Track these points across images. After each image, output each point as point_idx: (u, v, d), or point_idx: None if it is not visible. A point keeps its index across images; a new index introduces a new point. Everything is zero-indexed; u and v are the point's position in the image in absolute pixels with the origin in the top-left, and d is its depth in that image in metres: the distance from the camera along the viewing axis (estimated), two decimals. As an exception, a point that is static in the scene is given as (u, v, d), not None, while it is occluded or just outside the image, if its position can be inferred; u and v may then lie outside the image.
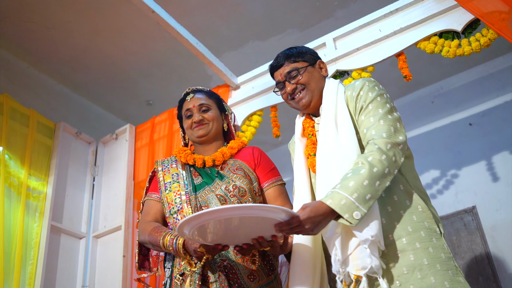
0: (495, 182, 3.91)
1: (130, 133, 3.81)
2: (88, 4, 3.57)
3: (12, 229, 3.07)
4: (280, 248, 1.80)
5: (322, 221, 1.60)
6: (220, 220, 1.60)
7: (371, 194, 1.59)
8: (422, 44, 2.85)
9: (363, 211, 1.56)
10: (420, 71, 4.31)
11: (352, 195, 1.56)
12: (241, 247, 1.75)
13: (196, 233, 1.67)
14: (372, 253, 1.57)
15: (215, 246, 1.74)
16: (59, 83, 4.27)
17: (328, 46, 3.17)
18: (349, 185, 1.59)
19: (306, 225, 1.58)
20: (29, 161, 3.35)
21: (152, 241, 2.00)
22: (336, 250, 1.64)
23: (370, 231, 1.58)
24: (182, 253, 1.86)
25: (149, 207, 2.19)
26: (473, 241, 3.81)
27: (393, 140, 1.70)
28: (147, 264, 2.27)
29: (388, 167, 1.64)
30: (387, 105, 1.83)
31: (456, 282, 1.60)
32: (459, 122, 4.32)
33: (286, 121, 3.34)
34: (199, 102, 2.31)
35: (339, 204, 1.56)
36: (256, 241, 1.70)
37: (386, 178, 1.64)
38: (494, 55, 4.23)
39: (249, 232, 1.68)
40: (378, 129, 1.74)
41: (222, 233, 1.70)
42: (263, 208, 1.59)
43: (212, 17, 3.82)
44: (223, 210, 1.56)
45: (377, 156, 1.64)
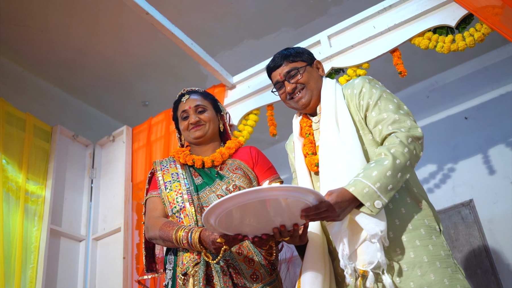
0: (492, 175, 3.92)
1: (127, 134, 3.82)
2: (82, 7, 3.56)
3: (11, 234, 3.08)
4: (299, 238, 1.76)
5: (347, 207, 1.61)
6: (246, 205, 1.55)
7: (393, 185, 1.62)
8: (416, 40, 2.87)
9: (384, 201, 1.59)
10: (415, 66, 4.33)
11: (375, 184, 1.59)
12: (260, 238, 1.70)
13: (221, 221, 1.63)
14: (372, 250, 1.59)
15: (235, 236, 1.70)
16: (54, 86, 4.27)
17: (323, 43, 3.18)
18: (372, 174, 1.61)
19: (333, 211, 1.58)
20: (26, 165, 3.36)
21: (163, 236, 1.99)
22: (343, 245, 1.65)
23: (380, 226, 1.59)
24: (198, 246, 1.86)
25: (155, 203, 2.17)
26: (471, 234, 3.83)
27: (413, 133, 1.72)
28: (154, 266, 2.27)
29: (409, 159, 1.67)
30: (395, 100, 1.86)
31: (455, 280, 1.62)
32: (454, 116, 4.33)
33: (282, 120, 3.36)
34: (194, 103, 2.32)
35: (361, 192, 1.59)
36: (277, 230, 1.66)
37: (407, 170, 1.67)
38: (488, 48, 4.24)
39: (272, 220, 1.65)
40: (395, 124, 1.76)
41: (246, 221, 1.66)
42: (294, 190, 1.56)
43: (206, 16, 3.82)
44: (251, 193, 1.52)
45: (400, 149, 1.67)
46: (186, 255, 2.00)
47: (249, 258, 1.99)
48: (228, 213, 1.58)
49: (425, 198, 1.80)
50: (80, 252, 3.53)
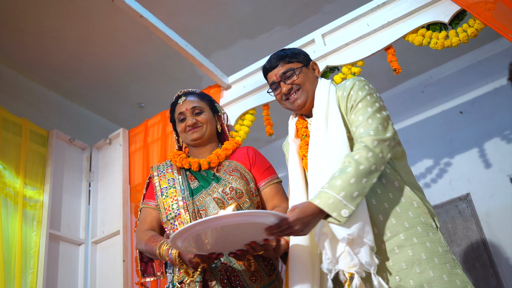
0: (488, 168, 3.95)
1: (124, 137, 3.81)
2: (75, 10, 3.55)
3: (10, 239, 3.07)
4: (273, 251, 1.83)
5: (311, 221, 1.62)
6: (211, 230, 1.61)
7: (358, 191, 1.62)
8: (410, 37, 2.87)
9: (351, 209, 1.59)
10: (409, 61, 4.34)
11: (339, 193, 1.59)
12: (235, 253, 1.77)
13: (190, 244, 1.69)
14: (353, 251, 1.60)
15: (210, 255, 1.77)
16: (50, 91, 4.25)
17: (317, 42, 3.18)
18: (336, 184, 1.62)
19: (295, 226, 1.60)
20: (24, 171, 3.35)
21: (149, 251, 2.03)
22: (325, 250, 1.65)
23: (347, 230, 1.60)
24: (178, 263, 1.88)
25: (145, 215, 2.21)
26: (469, 228, 3.85)
27: (379, 137, 1.73)
28: (150, 270, 2.28)
29: (374, 164, 1.67)
30: (376, 104, 1.85)
31: (454, 275, 1.63)
32: (450, 110, 4.35)
33: (279, 118, 3.36)
34: (191, 105, 2.32)
35: (327, 203, 1.59)
36: (249, 247, 1.73)
37: (373, 175, 1.67)
38: (481, 42, 4.26)
39: (242, 238, 1.70)
40: (366, 127, 1.77)
41: (215, 242, 1.71)
42: (252, 214, 1.62)
43: (200, 17, 3.82)
44: (214, 220, 1.57)
45: (364, 154, 1.67)
46: None
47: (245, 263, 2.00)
48: (194, 237, 1.64)
49: (419, 195, 1.81)
50: (79, 256, 3.52)
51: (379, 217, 1.73)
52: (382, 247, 1.69)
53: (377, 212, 1.74)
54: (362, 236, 1.61)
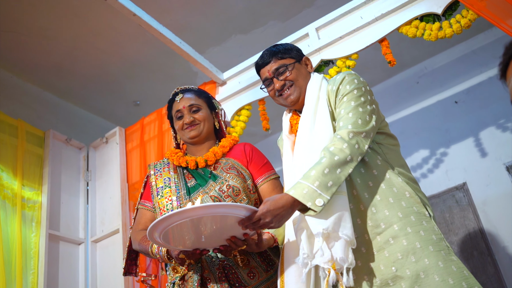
0: (484, 157, 3.96)
1: (120, 135, 3.81)
2: (68, 10, 3.54)
3: (10, 241, 3.08)
4: (256, 245, 1.82)
5: (284, 213, 1.62)
6: (185, 223, 1.60)
7: (333, 181, 1.62)
8: (404, 29, 2.88)
9: (325, 198, 1.59)
10: (404, 52, 4.35)
11: (314, 183, 1.60)
12: (219, 249, 1.78)
13: (168, 239, 1.69)
14: (328, 245, 1.59)
15: (194, 251, 1.77)
16: (45, 91, 4.25)
17: (311, 36, 3.19)
18: (311, 174, 1.62)
19: (266, 219, 1.61)
20: (21, 172, 3.35)
21: (142, 250, 2.06)
22: (302, 245, 1.65)
23: (322, 224, 1.60)
24: (167, 259, 1.91)
25: (140, 216, 2.22)
26: (466, 217, 3.87)
27: (355, 129, 1.74)
28: (133, 269, 2.31)
29: (350, 154, 1.68)
30: (362, 98, 1.85)
31: (449, 261, 1.64)
32: (445, 100, 4.36)
33: (275, 112, 3.36)
34: (189, 102, 2.31)
35: (301, 193, 1.60)
36: (230, 241, 1.73)
37: (348, 165, 1.68)
38: (475, 32, 4.26)
39: (220, 233, 1.70)
40: (346, 121, 1.78)
41: (194, 236, 1.71)
42: (223, 206, 1.61)
43: (194, 14, 3.81)
44: (184, 212, 1.56)
45: (339, 146, 1.69)
46: None
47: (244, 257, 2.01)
48: (168, 232, 1.63)
49: (411, 185, 1.82)
50: (79, 255, 3.54)
51: (372, 210, 1.73)
52: (377, 239, 1.70)
53: (370, 205, 1.74)
54: (337, 230, 1.61)
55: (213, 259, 1.97)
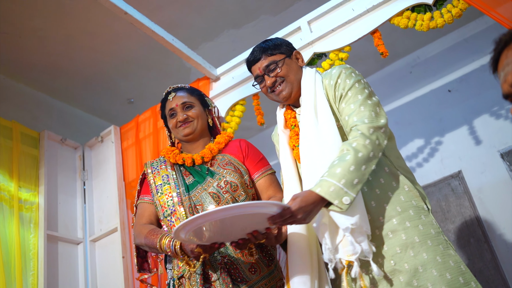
0: (478, 145, 3.99)
1: (115, 134, 3.81)
2: (58, 10, 3.52)
3: (9, 243, 3.08)
4: (275, 239, 1.84)
5: (313, 210, 1.64)
6: (214, 221, 1.63)
7: (358, 178, 1.63)
8: (395, 20, 2.88)
9: (352, 196, 1.60)
10: (396, 43, 4.35)
11: (340, 181, 1.61)
12: (237, 242, 1.78)
13: (192, 235, 1.70)
14: (355, 240, 1.61)
15: (212, 245, 1.78)
16: (38, 91, 4.23)
17: (303, 29, 3.19)
18: (336, 172, 1.63)
19: (298, 215, 1.61)
20: (17, 174, 3.35)
21: (148, 244, 2.03)
22: (325, 240, 1.67)
23: (350, 220, 1.61)
24: (180, 254, 1.89)
25: (142, 209, 2.21)
26: (462, 204, 3.90)
27: (375, 124, 1.74)
28: (146, 266, 2.30)
29: (372, 150, 1.69)
30: (366, 90, 1.86)
31: (447, 256, 1.66)
32: (438, 89, 4.38)
33: (269, 106, 3.35)
34: (181, 100, 2.32)
35: (328, 191, 1.60)
36: (251, 235, 1.74)
37: (372, 162, 1.69)
38: (466, 20, 4.27)
39: (244, 227, 1.72)
40: (359, 115, 1.78)
41: (217, 232, 1.73)
42: (256, 205, 1.63)
43: (185, 10, 3.80)
44: (217, 212, 1.57)
45: (361, 141, 1.68)
46: None
47: (246, 252, 2.02)
48: (197, 229, 1.65)
49: (410, 179, 1.83)
50: (78, 255, 3.54)
51: (372, 204, 1.75)
52: (376, 233, 1.71)
53: (369, 199, 1.75)
54: (362, 225, 1.63)
55: (214, 254, 1.99)
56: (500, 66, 1.06)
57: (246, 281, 1.97)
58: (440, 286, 1.59)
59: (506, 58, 1.04)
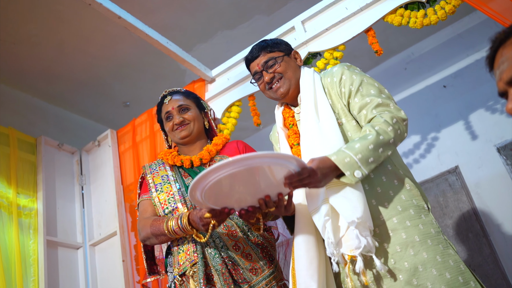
0: (474, 140, 4.00)
1: (112, 138, 3.81)
2: (51, 15, 3.51)
3: (8, 250, 3.08)
4: (284, 208, 1.78)
5: (329, 173, 1.65)
6: (231, 176, 1.55)
7: (374, 158, 1.66)
8: (389, 18, 2.89)
9: (364, 172, 1.63)
10: (390, 39, 4.36)
11: (357, 155, 1.64)
12: (247, 210, 1.73)
13: (207, 195, 1.64)
14: (360, 234, 1.61)
15: (222, 209, 1.73)
16: (34, 97, 4.22)
17: (297, 29, 3.19)
18: (355, 146, 1.66)
19: (315, 176, 1.61)
20: (15, 180, 3.35)
21: (155, 231, 2.03)
22: (328, 233, 1.67)
23: (356, 214, 1.61)
24: (189, 228, 1.90)
25: (145, 206, 2.21)
26: (459, 200, 3.91)
27: (398, 115, 1.76)
28: (155, 268, 2.31)
29: (393, 138, 1.71)
30: (376, 84, 1.89)
31: (447, 255, 1.67)
32: (433, 85, 4.39)
33: (265, 106, 3.37)
34: (177, 103, 2.33)
35: (343, 161, 1.63)
36: (262, 201, 1.69)
37: (390, 147, 1.71)
38: (460, 15, 4.28)
39: (257, 190, 1.67)
40: (379, 107, 1.80)
41: (232, 192, 1.67)
42: (275, 156, 1.57)
43: (178, 12, 3.80)
44: (236, 162, 1.51)
45: (384, 127, 1.71)
46: (182, 255, 2.04)
47: (246, 253, 2.03)
48: (214, 185, 1.58)
49: (411, 178, 1.84)
50: (78, 259, 3.54)
51: (372, 202, 1.75)
52: (376, 232, 1.71)
53: (370, 197, 1.75)
54: (366, 220, 1.64)
55: (216, 255, 1.99)
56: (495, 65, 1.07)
57: (247, 282, 1.98)
58: (440, 285, 1.60)
59: (501, 57, 1.05)
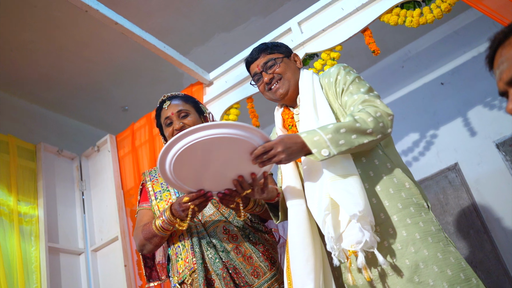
0: (473, 136, 4.00)
1: (111, 143, 3.81)
2: (48, 22, 3.52)
3: (10, 257, 3.08)
4: (261, 190, 1.82)
5: (295, 149, 1.66)
6: (195, 149, 1.58)
7: (345, 141, 1.65)
8: (385, 17, 2.89)
9: (332, 152, 1.63)
10: (387, 38, 4.37)
11: (327, 135, 1.64)
12: (224, 194, 1.78)
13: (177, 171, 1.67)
14: (363, 227, 1.61)
15: (198, 192, 1.78)
16: (32, 104, 4.23)
17: (294, 31, 3.20)
18: (328, 127, 1.67)
19: (278, 148, 1.63)
20: (16, 187, 3.35)
21: (146, 235, 2.04)
22: (328, 228, 1.66)
23: (358, 207, 1.61)
24: (173, 219, 1.91)
25: (141, 216, 2.22)
26: (460, 196, 3.92)
27: (383, 109, 1.76)
28: (155, 275, 2.31)
29: (372, 128, 1.69)
30: (367, 84, 1.90)
31: (447, 252, 1.67)
32: (431, 83, 4.39)
33: (263, 107, 3.38)
34: (177, 108, 2.32)
35: (311, 139, 1.64)
36: (236, 182, 1.74)
37: (365, 137, 1.69)
38: (456, 12, 4.27)
39: (228, 169, 1.70)
40: (365, 102, 1.80)
41: (200, 169, 1.70)
42: (235, 126, 1.61)
43: (175, 16, 3.80)
44: (196, 130, 1.55)
45: (364, 116, 1.71)
46: (181, 263, 2.05)
47: (248, 256, 2.04)
48: (181, 158, 1.61)
49: (410, 177, 1.84)
50: (81, 265, 3.55)
51: (373, 201, 1.75)
52: (377, 229, 1.71)
53: (370, 196, 1.75)
54: (368, 214, 1.63)
55: (216, 260, 2.00)
56: (495, 64, 1.07)
57: (249, 285, 1.98)
58: (441, 282, 1.60)
59: (501, 57, 1.05)
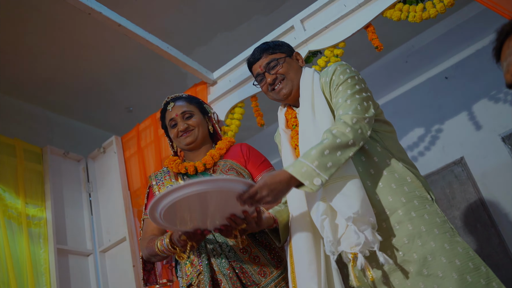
0: (479, 130, 3.99)
1: (117, 144, 3.83)
2: (52, 25, 3.53)
3: (20, 260, 3.11)
4: (256, 224, 1.82)
5: (280, 188, 1.65)
6: (184, 200, 1.59)
7: (333, 162, 1.64)
8: (388, 13, 2.89)
9: (324, 178, 1.62)
10: (390, 33, 4.34)
11: (313, 163, 1.63)
12: (220, 229, 1.79)
13: (169, 220, 1.69)
14: (358, 229, 1.61)
15: (194, 231, 1.78)
16: (37, 107, 4.24)
17: (297, 28, 3.19)
18: (311, 153, 1.65)
19: (262, 192, 1.62)
20: (23, 190, 3.37)
21: (150, 253, 2.06)
22: (326, 232, 1.67)
23: (352, 209, 1.62)
24: (171, 249, 1.92)
25: (145, 225, 2.25)
26: (466, 190, 3.91)
27: (359, 115, 1.76)
28: (152, 279, 2.33)
29: (352, 139, 1.70)
30: (357, 86, 1.88)
31: (454, 243, 1.67)
32: (435, 77, 4.38)
33: (268, 106, 3.36)
34: (181, 110, 2.34)
35: (300, 171, 1.63)
36: (230, 219, 1.74)
37: (349, 149, 1.69)
38: (459, 6, 4.25)
39: (219, 211, 1.71)
40: (345, 108, 1.80)
41: (193, 215, 1.72)
42: (221, 180, 1.62)
43: (177, 16, 3.81)
44: (183, 187, 1.56)
45: (342, 129, 1.71)
46: (188, 266, 2.07)
47: (254, 255, 2.05)
48: (170, 210, 1.62)
49: (412, 170, 1.84)
50: (89, 266, 3.57)
51: (376, 197, 1.75)
52: (383, 226, 1.72)
53: (373, 193, 1.76)
54: (365, 214, 1.63)
55: (222, 260, 2.01)
56: (502, 56, 1.07)
57: (256, 284, 1.99)
58: (450, 273, 1.60)
59: (508, 49, 1.04)
